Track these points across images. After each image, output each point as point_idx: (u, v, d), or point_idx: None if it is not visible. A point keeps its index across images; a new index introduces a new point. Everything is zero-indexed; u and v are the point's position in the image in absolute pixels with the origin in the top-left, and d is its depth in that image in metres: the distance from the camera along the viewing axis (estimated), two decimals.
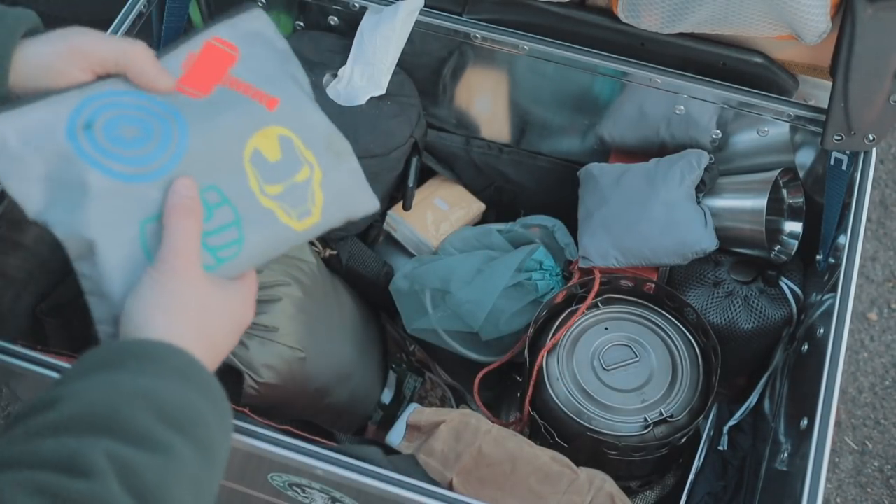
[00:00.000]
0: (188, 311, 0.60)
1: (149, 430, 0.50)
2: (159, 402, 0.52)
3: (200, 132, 0.67)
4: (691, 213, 1.07)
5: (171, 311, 0.60)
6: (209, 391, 0.57)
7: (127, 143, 0.64)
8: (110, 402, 0.50)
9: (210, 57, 0.71)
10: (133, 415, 0.50)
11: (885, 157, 1.89)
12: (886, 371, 1.64)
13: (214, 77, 0.70)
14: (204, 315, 0.61)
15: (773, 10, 0.96)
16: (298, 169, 0.70)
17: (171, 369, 0.55)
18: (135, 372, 0.53)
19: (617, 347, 1.05)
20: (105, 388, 0.52)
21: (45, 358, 0.84)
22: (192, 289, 0.61)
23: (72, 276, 1.09)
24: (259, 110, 0.70)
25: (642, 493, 1.09)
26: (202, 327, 0.61)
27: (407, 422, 0.95)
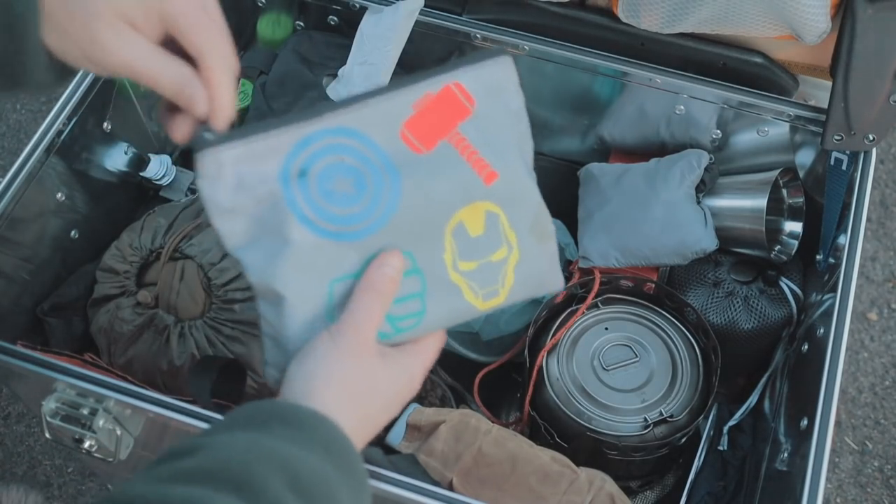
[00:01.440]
0: (350, 385, 0.59)
1: (278, 496, 0.48)
2: (294, 471, 0.50)
3: (412, 196, 0.62)
4: (691, 213, 1.07)
5: (333, 382, 0.58)
6: (350, 469, 0.55)
7: (338, 199, 0.60)
8: (246, 460, 0.49)
9: (445, 104, 0.64)
10: (265, 477, 0.48)
11: (885, 157, 1.89)
12: (886, 371, 1.64)
13: (442, 130, 0.63)
14: (366, 390, 0.60)
15: (773, 10, 0.96)
16: (497, 248, 0.65)
17: (315, 440, 0.53)
18: (278, 436, 0.52)
19: (617, 347, 1.05)
20: (244, 445, 0.50)
21: (45, 358, 0.84)
22: (362, 365, 0.60)
23: (72, 276, 1.10)
24: (476, 183, 0.64)
25: (642, 493, 1.09)
26: (361, 402, 0.59)
27: (407, 422, 0.95)
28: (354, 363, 0.59)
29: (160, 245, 1.05)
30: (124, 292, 1.05)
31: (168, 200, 1.20)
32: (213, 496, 0.46)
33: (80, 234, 1.09)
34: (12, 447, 1.52)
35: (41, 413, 0.84)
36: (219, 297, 1.02)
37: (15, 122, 1.90)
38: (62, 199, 1.05)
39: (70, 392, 0.84)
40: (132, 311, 1.03)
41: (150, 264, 1.06)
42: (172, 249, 1.04)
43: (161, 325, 1.01)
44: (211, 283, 1.02)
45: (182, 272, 1.04)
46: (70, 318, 1.08)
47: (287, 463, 0.50)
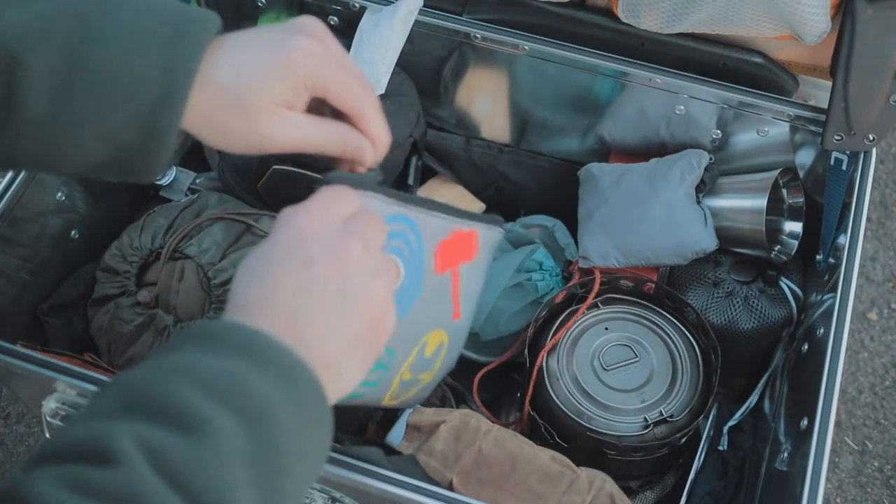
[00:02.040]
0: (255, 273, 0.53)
1: (186, 405, 0.45)
2: (201, 375, 0.46)
3: (418, 308, 0.70)
4: (691, 213, 1.07)
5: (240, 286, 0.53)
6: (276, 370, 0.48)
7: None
8: (147, 381, 0.46)
9: (465, 243, 0.75)
10: (168, 390, 0.45)
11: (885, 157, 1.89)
12: (886, 371, 1.64)
13: (454, 262, 0.74)
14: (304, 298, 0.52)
15: (773, 10, 0.96)
16: (428, 370, 0.79)
17: (227, 346, 0.48)
18: (187, 351, 0.48)
19: (617, 347, 1.05)
20: (148, 368, 0.47)
21: (45, 358, 0.85)
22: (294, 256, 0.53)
23: (72, 276, 1.10)
24: (448, 316, 0.77)
25: (642, 493, 1.09)
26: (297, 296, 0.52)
27: (407, 422, 0.95)
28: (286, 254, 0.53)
29: (160, 245, 1.05)
30: (124, 292, 1.05)
31: (168, 200, 1.20)
32: (117, 425, 0.43)
33: (80, 234, 1.09)
34: (12, 447, 1.52)
35: (41, 413, 0.84)
36: (218, 297, 1.02)
37: None
38: (62, 199, 1.05)
39: (70, 392, 0.84)
40: (132, 311, 1.03)
41: (150, 264, 1.06)
42: (172, 249, 1.04)
43: (161, 325, 1.01)
44: (210, 283, 1.02)
45: (182, 272, 1.04)
46: (70, 318, 1.08)
47: (190, 370, 0.46)
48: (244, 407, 0.46)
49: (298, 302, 0.51)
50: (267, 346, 0.49)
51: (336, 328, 0.52)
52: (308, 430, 0.49)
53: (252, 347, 0.49)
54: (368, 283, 0.54)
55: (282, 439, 0.47)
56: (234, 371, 0.47)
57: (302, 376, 0.49)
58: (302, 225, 0.53)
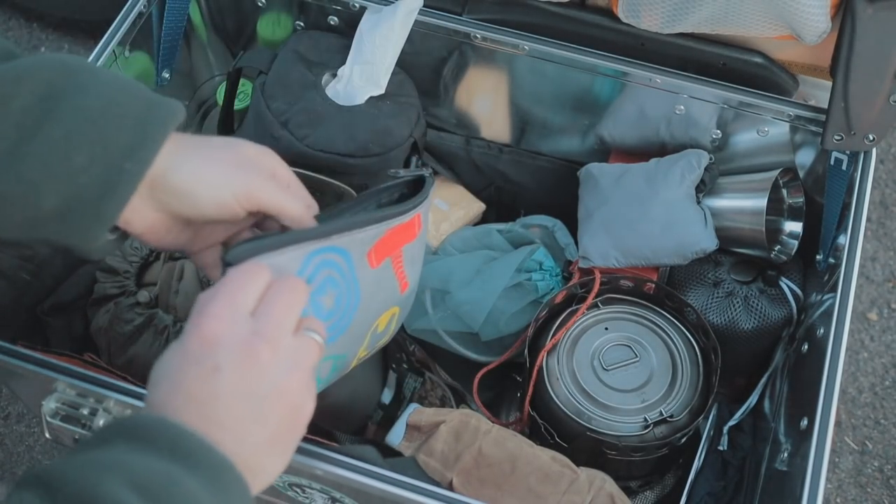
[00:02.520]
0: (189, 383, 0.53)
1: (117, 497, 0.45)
2: (134, 473, 0.46)
3: (363, 310, 0.71)
4: (691, 213, 1.07)
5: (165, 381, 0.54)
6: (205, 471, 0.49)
7: (321, 313, 0.66)
8: (80, 476, 0.46)
9: (405, 229, 0.73)
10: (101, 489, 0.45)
11: (885, 157, 1.88)
12: (886, 371, 1.64)
13: (392, 249, 0.72)
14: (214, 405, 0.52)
15: (773, 10, 0.96)
16: (384, 338, 0.81)
17: (158, 444, 0.49)
18: (119, 449, 0.48)
19: (617, 347, 1.05)
20: (80, 463, 0.47)
21: (45, 358, 0.84)
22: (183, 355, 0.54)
23: (72, 276, 1.10)
24: (395, 292, 0.76)
25: (642, 493, 1.09)
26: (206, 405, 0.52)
27: (407, 422, 0.95)
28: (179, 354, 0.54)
29: None
30: (124, 292, 1.05)
31: None
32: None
33: None
34: (12, 447, 1.52)
35: (41, 413, 0.84)
36: None
37: None
38: None
39: (70, 392, 0.84)
40: (132, 311, 1.03)
41: (150, 264, 1.06)
42: None
43: (161, 325, 1.01)
44: (210, 283, 1.02)
45: (181, 272, 1.04)
46: (70, 318, 1.08)
47: (123, 467, 0.46)
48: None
49: (208, 409, 0.51)
50: (196, 446, 0.49)
51: (250, 430, 0.53)
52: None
53: (182, 447, 0.49)
54: (280, 381, 0.54)
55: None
56: (165, 471, 0.47)
57: (230, 477, 0.50)
58: (207, 332, 0.53)
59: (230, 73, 1.17)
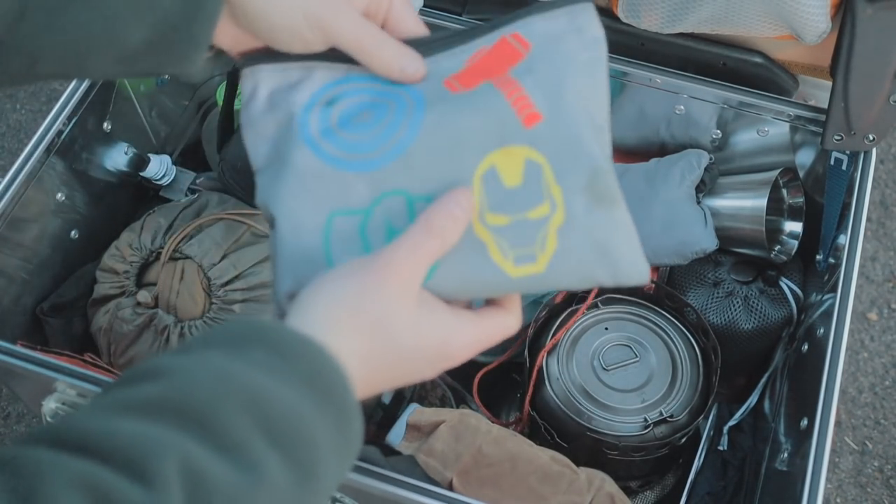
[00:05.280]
0: (364, 317, 0.49)
1: (244, 439, 0.42)
2: (265, 408, 0.43)
3: (434, 129, 0.54)
4: (691, 213, 1.07)
5: (341, 307, 0.49)
6: (337, 412, 0.47)
7: (352, 126, 0.55)
8: (211, 393, 0.42)
9: (497, 54, 0.58)
10: (230, 415, 0.42)
11: (885, 157, 1.89)
12: (886, 371, 1.64)
13: (489, 73, 0.57)
14: (385, 331, 0.50)
15: (773, 10, 0.96)
16: (537, 204, 0.55)
17: (297, 371, 0.46)
18: (255, 363, 0.45)
19: (617, 347, 1.05)
20: (213, 373, 0.43)
21: (45, 358, 0.85)
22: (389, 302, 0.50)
23: (72, 276, 1.10)
24: (513, 122, 0.55)
25: (642, 493, 1.09)
26: (374, 341, 0.50)
27: (407, 422, 0.95)
28: (379, 297, 0.49)
29: (160, 245, 1.05)
30: (124, 292, 1.05)
31: (168, 200, 1.20)
32: (167, 435, 0.40)
33: (80, 234, 1.09)
34: None
35: (41, 413, 0.84)
36: (219, 297, 1.02)
37: (15, 122, 1.90)
38: (62, 199, 1.05)
39: (70, 392, 0.84)
40: (132, 311, 1.03)
41: (150, 264, 1.07)
42: (172, 249, 1.04)
43: (161, 325, 1.01)
44: (211, 283, 1.02)
45: (182, 272, 1.04)
46: (70, 318, 1.08)
47: (258, 398, 0.43)
48: (298, 457, 0.44)
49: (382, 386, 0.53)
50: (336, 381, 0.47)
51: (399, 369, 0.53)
52: (341, 474, 0.49)
53: (321, 379, 0.46)
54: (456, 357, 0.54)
55: (321, 492, 0.46)
56: (300, 413, 0.44)
57: (355, 425, 0.49)
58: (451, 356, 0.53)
59: (230, 73, 1.16)
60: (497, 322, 0.55)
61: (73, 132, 1.03)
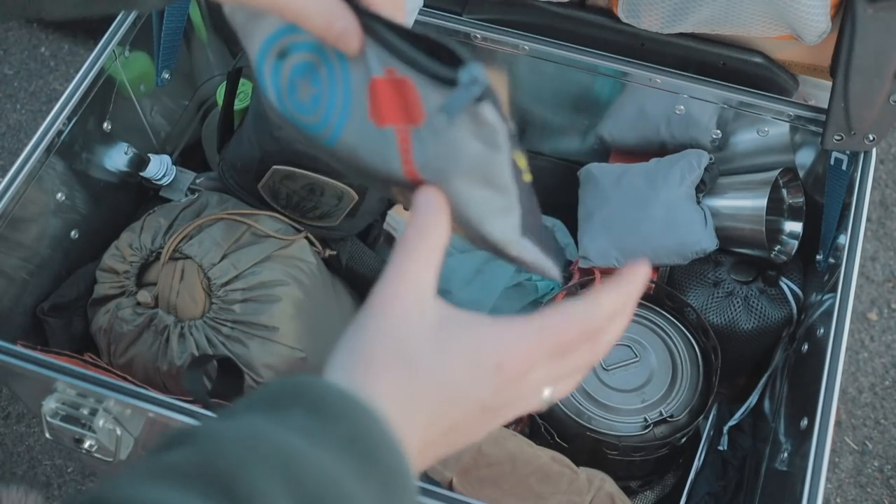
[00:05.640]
0: (397, 359, 0.44)
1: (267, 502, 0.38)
2: (298, 473, 0.39)
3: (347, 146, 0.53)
4: (691, 213, 1.07)
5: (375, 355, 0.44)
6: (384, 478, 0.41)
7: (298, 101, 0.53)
8: (240, 456, 0.39)
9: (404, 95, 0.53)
10: (257, 480, 0.38)
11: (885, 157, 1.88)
12: (886, 371, 1.64)
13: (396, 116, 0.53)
14: (421, 367, 0.44)
15: (773, 10, 0.96)
16: None
17: (337, 433, 0.41)
18: (292, 425, 0.41)
19: (617, 347, 1.05)
20: (245, 434, 0.40)
21: (45, 358, 0.85)
22: (412, 335, 0.44)
23: (72, 276, 1.10)
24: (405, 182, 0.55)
25: (642, 493, 1.09)
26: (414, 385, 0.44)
27: None
28: (404, 330, 0.44)
29: (160, 245, 1.05)
30: (124, 292, 1.05)
31: (168, 200, 1.20)
32: (188, 500, 0.37)
33: (80, 234, 1.09)
34: (12, 447, 1.52)
35: (41, 413, 0.84)
36: (219, 297, 1.02)
37: (15, 122, 1.90)
38: (62, 199, 1.05)
39: (70, 392, 0.84)
40: (132, 311, 1.03)
41: (150, 264, 1.06)
42: (172, 249, 1.04)
43: (161, 325, 1.01)
44: (211, 283, 1.02)
45: (182, 272, 1.03)
46: (70, 318, 1.08)
47: (291, 462, 0.39)
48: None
49: (454, 431, 0.45)
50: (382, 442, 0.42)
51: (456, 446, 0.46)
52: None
53: (363, 441, 0.41)
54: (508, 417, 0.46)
55: None
56: (336, 479, 0.39)
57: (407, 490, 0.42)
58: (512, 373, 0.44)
59: (230, 73, 1.17)
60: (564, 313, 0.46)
61: (73, 132, 1.03)
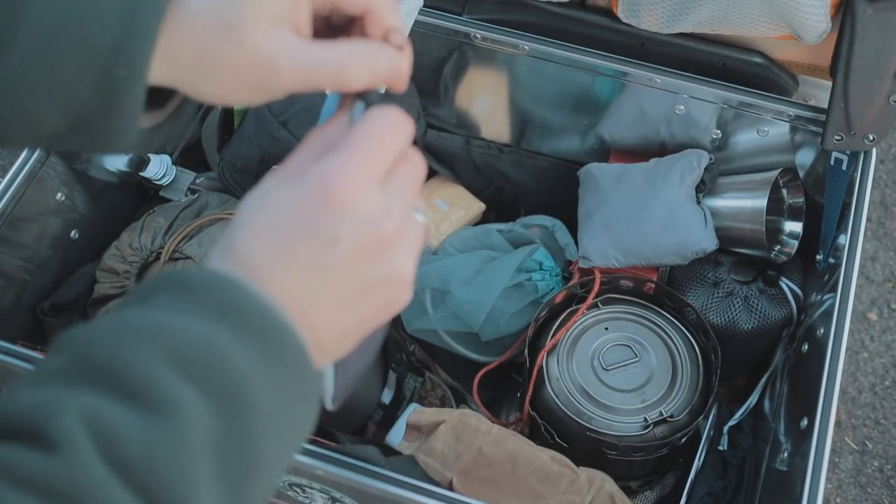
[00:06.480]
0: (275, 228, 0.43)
1: (149, 379, 0.38)
2: (172, 342, 0.39)
3: None
4: (691, 213, 1.07)
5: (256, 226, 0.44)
6: (261, 337, 0.41)
7: None
8: (109, 342, 0.39)
9: None
10: (130, 358, 0.38)
11: (885, 157, 1.89)
12: (886, 371, 1.64)
13: None
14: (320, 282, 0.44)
15: (773, 10, 0.96)
16: None
17: (205, 304, 0.41)
18: (159, 307, 0.41)
19: (617, 347, 1.05)
20: (113, 325, 0.40)
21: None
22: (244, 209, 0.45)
23: (72, 276, 1.10)
24: None
25: (642, 493, 1.09)
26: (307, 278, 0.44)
27: (407, 422, 0.95)
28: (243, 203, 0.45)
29: (160, 245, 1.05)
30: (124, 292, 1.05)
31: (168, 200, 1.20)
32: (66, 394, 0.37)
33: (80, 234, 1.09)
34: None
35: None
36: None
37: None
38: (62, 199, 1.05)
39: None
40: None
41: (150, 264, 1.07)
42: (172, 249, 1.04)
43: None
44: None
45: None
46: (70, 318, 1.08)
47: (161, 333, 0.39)
48: (217, 386, 0.39)
49: (312, 285, 0.44)
50: (253, 305, 0.42)
51: (345, 316, 0.45)
52: (288, 411, 0.42)
53: (236, 307, 0.41)
54: (394, 267, 0.45)
55: (257, 425, 0.40)
56: (211, 338, 0.40)
57: (288, 346, 0.42)
58: (337, 197, 0.43)
59: None
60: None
61: None
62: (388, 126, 0.45)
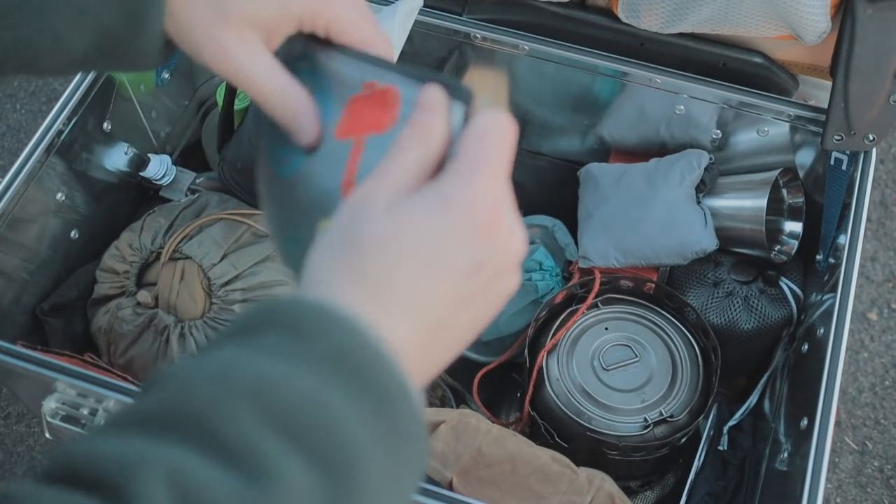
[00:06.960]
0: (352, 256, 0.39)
1: (252, 441, 0.34)
2: (279, 404, 0.35)
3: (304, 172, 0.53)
4: (691, 213, 1.07)
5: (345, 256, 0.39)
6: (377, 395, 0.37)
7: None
8: (211, 393, 0.35)
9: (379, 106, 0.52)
10: (232, 418, 0.34)
11: (885, 157, 1.88)
12: (886, 371, 1.64)
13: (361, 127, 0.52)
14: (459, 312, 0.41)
15: (773, 10, 0.96)
16: None
17: (318, 352, 0.36)
18: (267, 350, 0.36)
19: (617, 347, 1.05)
20: (216, 368, 0.36)
21: (45, 358, 0.85)
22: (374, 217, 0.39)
23: (72, 276, 1.10)
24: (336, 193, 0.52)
25: (642, 493, 1.09)
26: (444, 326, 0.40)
27: None
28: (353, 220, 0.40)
29: (160, 245, 1.05)
30: (124, 292, 1.05)
31: (168, 200, 1.20)
32: (154, 449, 0.33)
33: (80, 234, 1.09)
34: (12, 447, 1.52)
35: (41, 413, 0.84)
36: (219, 297, 1.02)
37: (15, 122, 1.90)
38: (62, 199, 1.05)
39: (70, 392, 0.84)
40: (132, 311, 1.03)
41: (150, 264, 1.07)
42: (172, 249, 1.04)
43: (161, 325, 1.01)
44: (211, 283, 1.02)
45: (182, 272, 1.04)
46: (70, 318, 1.08)
47: (265, 390, 0.35)
48: (325, 456, 0.35)
49: (451, 315, 0.40)
50: (371, 359, 0.37)
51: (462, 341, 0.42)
52: (397, 475, 0.37)
53: (351, 358, 0.37)
54: (510, 288, 0.43)
55: (364, 498, 0.36)
56: (321, 400, 0.35)
57: (406, 410, 0.38)
58: (484, 217, 0.40)
59: None
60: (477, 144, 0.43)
61: (73, 132, 1.03)
62: (509, 137, 0.43)
